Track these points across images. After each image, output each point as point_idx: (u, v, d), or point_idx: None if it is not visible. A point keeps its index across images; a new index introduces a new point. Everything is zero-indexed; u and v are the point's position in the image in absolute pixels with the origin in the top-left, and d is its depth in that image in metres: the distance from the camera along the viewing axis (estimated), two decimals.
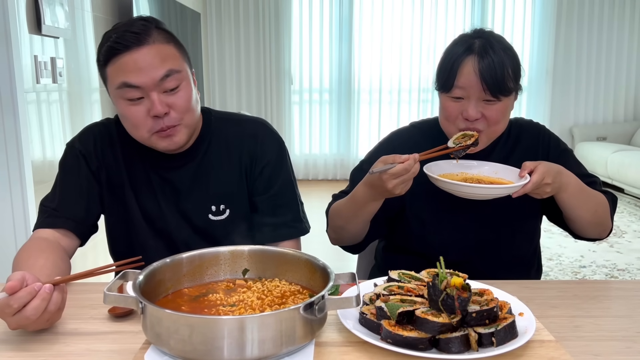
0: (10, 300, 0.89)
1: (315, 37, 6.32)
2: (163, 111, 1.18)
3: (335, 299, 0.89)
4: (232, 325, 0.81)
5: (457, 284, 0.90)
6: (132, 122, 1.21)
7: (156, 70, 1.17)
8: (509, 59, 1.28)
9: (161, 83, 1.17)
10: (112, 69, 1.18)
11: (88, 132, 1.36)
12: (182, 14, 4.39)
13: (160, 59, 1.18)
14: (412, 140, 1.45)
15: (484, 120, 1.29)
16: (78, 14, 2.75)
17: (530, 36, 6.33)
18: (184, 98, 1.21)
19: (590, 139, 6.32)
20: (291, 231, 1.36)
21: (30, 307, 0.90)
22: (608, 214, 1.38)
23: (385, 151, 1.47)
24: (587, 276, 3.47)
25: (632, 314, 1.09)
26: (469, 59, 1.27)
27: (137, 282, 0.92)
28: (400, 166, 1.17)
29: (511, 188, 1.21)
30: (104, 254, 1.51)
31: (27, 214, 2.22)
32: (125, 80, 1.16)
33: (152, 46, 1.18)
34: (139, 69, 1.16)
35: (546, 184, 1.21)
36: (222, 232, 1.33)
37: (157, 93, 1.18)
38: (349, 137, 6.53)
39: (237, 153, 1.34)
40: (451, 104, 1.31)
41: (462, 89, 1.28)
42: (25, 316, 0.90)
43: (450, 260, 1.13)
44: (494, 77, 1.25)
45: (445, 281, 0.91)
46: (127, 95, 1.18)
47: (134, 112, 1.19)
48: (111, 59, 1.18)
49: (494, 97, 1.26)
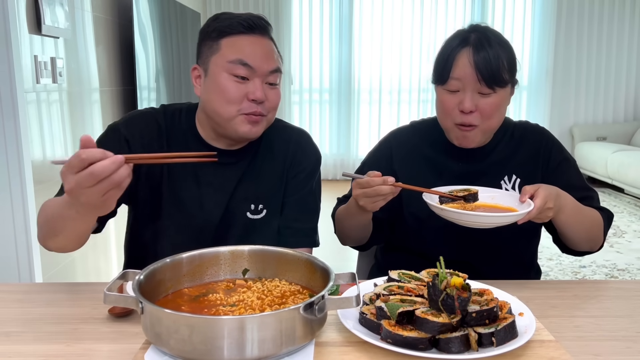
0: (83, 154, 0.88)
1: (315, 37, 6.32)
2: (262, 98, 1.26)
3: (335, 299, 0.89)
4: (232, 325, 0.81)
5: (457, 284, 0.90)
6: (228, 96, 1.25)
7: (270, 62, 1.27)
8: (504, 51, 1.29)
9: (268, 75, 1.27)
10: (231, 42, 1.25)
11: (136, 119, 1.35)
12: (182, 14, 4.39)
13: (274, 55, 1.29)
14: (410, 142, 1.46)
15: (478, 114, 1.29)
16: (78, 14, 2.75)
17: (530, 36, 6.33)
18: (277, 96, 1.31)
19: (590, 139, 6.32)
20: (307, 240, 1.39)
21: (99, 165, 0.87)
22: (601, 231, 1.38)
23: (383, 152, 1.49)
24: (587, 276, 3.47)
25: (632, 314, 1.09)
26: (465, 50, 1.28)
27: (137, 282, 0.92)
28: (366, 179, 1.19)
29: (516, 215, 1.19)
30: (105, 254, 1.52)
31: (27, 214, 2.22)
32: (242, 58, 1.24)
33: (270, 42, 1.30)
34: (257, 53, 1.25)
35: (548, 208, 1.21)
36: (254, 231, 1.35)
37: (261, 81, 1.26)
38: (349, 137, 6.53)
39: (281, 157, 1.39)
40: (447, 96, 1.32)
41: (458, 81, 1.29)
42: (91, 172, 0.87)
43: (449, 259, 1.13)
44: (489, 68, 1.26)
45: (445, 281, 0.91)
46: (235, 71, 1.24)
47: (234, 88, 1.25)
48: (233, 34, 1.25)
49: (490, 89, 1.27)
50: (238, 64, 1.24)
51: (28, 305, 1.12)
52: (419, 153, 1.44)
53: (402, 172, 1.42)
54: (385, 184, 1.18)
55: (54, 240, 1.15)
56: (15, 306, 1.12)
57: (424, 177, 1.40)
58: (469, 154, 1.40)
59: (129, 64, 3.34)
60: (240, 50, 1.24)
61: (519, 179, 1.39)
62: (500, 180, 1.40)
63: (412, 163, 1.44)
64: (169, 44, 3.98)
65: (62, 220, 1.07)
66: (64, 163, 0.91)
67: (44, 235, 1.18)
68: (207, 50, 1.28)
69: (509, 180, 1.40)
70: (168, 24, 3.99)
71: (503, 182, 1.40)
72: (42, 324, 1.03)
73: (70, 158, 0.90)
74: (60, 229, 1.10)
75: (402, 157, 1.45)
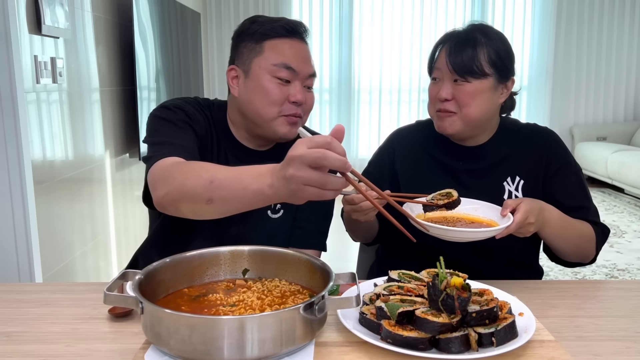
0: (333, 143, 0.84)
1: (315, 37, 6.32)
2: (303, 100, 1.31)
3: (335, 299, 0.89)
4: (232, 325, 0.81)
5: (457, 284, 0.90)
6: (271, 98, 1.28)
7: (309, 66, 1.33)
8: (489, 43, 1.32)
9: (307, 79, 1.32)
10: (274, 45, 1.29)
11: (192, 103, 1.35)
12: (182, 14, 4.39)
13: (311, 60, 1.35)
14: (413, 142, 1.47)
15: (455, 102, 1.34)
16: (78, 14, 2.75)
17: (530, 36, 6.32)
18: (313, 99, 1.37)
19: (590, 139, 6.32)
20: (316, 242, 1.41)
21: (332, 156, 0.83)
22: (593, 246, 1.36)
23: (386, 152, 1.50)
24: (587, 276, 3.47)
25: (632, 314, 1.09)
26: (448, 43, 1.35)
27: (137, 282, 0.92)
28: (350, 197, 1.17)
29: (494, 230, 1.16)
30: (105, 254, 1.52)
31: (27, 214, 2.22)
32: (286, 61, 1.29)
33: (308, 47, 1.35)
34: (302, 58, 1.31)
35: (529, 223, 1.19)
36: (271, 231, 1.37)
37: (301, 84, 1.31)
38: (349, 137, 6.52)
39: None
40: (432, 86, 1.39)
41: (438, 70, 1.36)
42: (323, 179, 0.84)
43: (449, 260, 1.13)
44: (459, 57, 1.31)
45: (445, 281, 0.91)
46: (279, 74, 1.28)
47: (277, 90, 1.29)
48: (276, 37, 1.30)
49: (462, 78, 1.31)
50: (282, 67, 1.28)
51: (28, 305, 1.12)
52: (422, 152, 1.45)
53: (404, 171, 1.43)
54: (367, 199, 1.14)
55: (200, 205, 1.02)
56: (15, 306, 1.12)
57: (425, 176, 1.41)
58: (472, 153, 1.40)
59: (129, 64, 3.34)
60: (284, 54, 1.29)
61: (522, 180, 1.39)
62: (503, 181, 1.39)
63: (413, 162, 1.45)
64: (169, 44, 3.98)
65: (240, 191, 0.95)
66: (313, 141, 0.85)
67: (187, 196, 1.03)
68: (248, 52, 1.31)
69: (512, 182, 1.39)
70: (168, 24, 3.99)
71: (506, 182, 1.39)
72: (42, 324, 1.03)
73: (327, 154, 0.83)
74: (227, 198, 0.99)
75: (403, 157, 1.46)
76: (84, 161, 2.79)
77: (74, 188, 2.69)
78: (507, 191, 1.39)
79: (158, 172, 1.13)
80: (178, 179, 1.05)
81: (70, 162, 2.65)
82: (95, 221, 2.89)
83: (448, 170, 1.41)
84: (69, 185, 2.63)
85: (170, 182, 1.07)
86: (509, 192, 1.39)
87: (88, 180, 2.85)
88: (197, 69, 4.92)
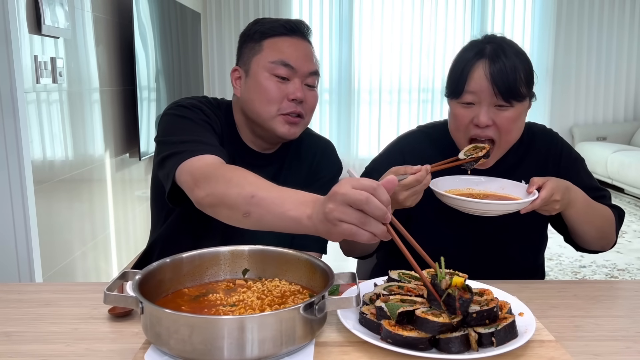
0: (379, 190, 0.84)
1: (315, 37, 6.30)
2: (302, 98, 1.30)
3: (335, 299, 0.89)
4: (232, 325, 0.81)
5: (458, 284, 0.90)
6: (269, 96, 1.28)
7: (310, 64, 1.32)
8: (521, 62, 1.25)
9: (307, 76, 1.31)
10: (273, 43, 1.29)
11: (206, 103, 1.35)
12: (182, 14, 4.39)
13: (313, 58, 1.34)
14: (422, 151, 1.42)
15: (495, 128, 1.26)
16: (78, 14, 2.75)
17: (530, 36, 6.32)
18: (315, 97, 1.35)
19: (590, 139, 6.32)
20: (316, 245, 1.40)
21: (375, 203, 0.83)
22: (613, 229, 1.37)
23: (395, 157, 1.44)
24: (587, 276, 3.47)
25: (632, 314, 1.09)
26: (480, 62, 1.24)
27: (137, 282, 0.92)
28: (413, 177, 1.15)
29: (520, 204, 1.19)
30: (105, 254, 1.52)
31: (27, 214, 2.22)
32: (284, 58, 1.28)
33: (310, 45, 1.35)
34: (300, 55, 1.30)
35: (555, 201, 1.20)
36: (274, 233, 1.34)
37: (301, 82, 1.30)
38: (349, 137, 6.52)
39: (307, 164, 1.42)
40: (461, 110, 1.27)
41: (473, 94, 1.24)
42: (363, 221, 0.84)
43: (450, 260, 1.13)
44: (505, 81, 1.21)
45: (445, 281, 0.91)
46: (276, 71, 1.28)
47: (275, 88, 1.28)
48: (275, 36, 1.29)
49: (506, 102, 1.23)
50: (279, 64, 1.27)
51: (28, 305, 1.12)
52: (431, 158, 1.39)
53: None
54: (427, 173, 1.17)
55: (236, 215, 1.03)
56: (15, 306, 1.12)
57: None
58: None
59: (129, 64, 3.34)
60: (282, 51, 1.28)
61: (528, 184, 1.39)
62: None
63: None
64: (169, 44, 3.98)
65: (277, 215, 0.97)
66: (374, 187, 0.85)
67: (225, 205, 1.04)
68: (248, 51, 1.32)
69: None
70: (168, 24, 3.99)
71: None
72: (42, 324, 1.03)
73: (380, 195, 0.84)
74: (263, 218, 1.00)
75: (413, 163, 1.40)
76: (84, 161, 2.79)
77: (74, 188, 2.70)
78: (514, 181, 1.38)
79: (198, 170, 1.09)
80: (221, 184, 1.05)
81: (70, 162, 2.65)
82: (95, 221, 2.89)
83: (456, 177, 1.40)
84: (69, 185, 2.63)
85: (213, 185, 1.06)
86: None
87: (88, 180, 2.85)
88: (197, 69, 4.92)
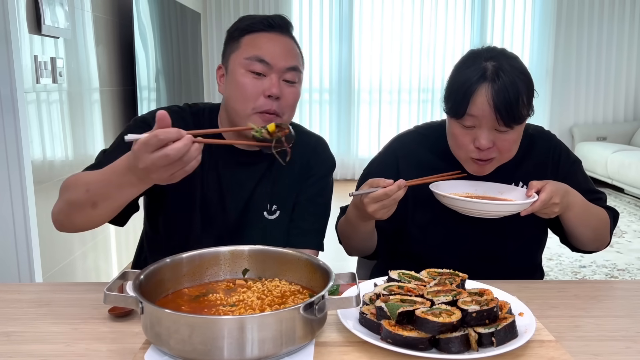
0: (161, 134, 0.90)
1: (315, 37, 6.32)
2: (278, 94, 1.25)
3: (335, 299, 0.89)
4: (232, 325, 0.81)
5: (273, 128, 1.03)
6: (245, 93, 1.26)
7: (287, 59, 1.27)
8: (523, 84, 1.23)
9: (285, 72, 1.27)
10: (250, 39, 1.27)
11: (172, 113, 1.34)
12: (182, 14, 4.39)
13: (293, 53, 1.30)
14: (416, 151, 1.43)
15: (496, 149, 1.26)
16: (78, 14, 2.75)
17: (530, 36, 6.33)
18: (294, 94, 1.30)
19: (590, 139, 6.32)
20: (313, 241, 1.40)
21: (173, 147, 0.91)
22: (608, 231, 1.39)
23: (389, 161, 1.45)
24: (587, 276, 3.47)
25: (632, 314, 1.09)
26: (483, 87, 1.21)
27: (137, 282, 0.92)
28: (381, 191, 1.17)
29: (520, 205, 1.19)
30: (105, 254, 1.52)
31: (27, 214, 2.22)
32: (259, 54, 1.25)
33: (290, 40, 1.31)
34: (275, 50, 1.27)
35: (554, 204, 1.21)
36: (269, 232, 1.36)
37: (278, 78, 1.26)
38: (349, 137, 6.53)
39: (298, 161, 1.39)
40: (462, 131, 1.26)
41: (475, 118, 1.23)
42: (166, 154, 0.91)
43: (450, 262, 1.13)
44: (508, 107, 1.20)
45: (264, 131, 1.04)
46: (252, 67, 1.25)
47: (251, 84, 1.26)
48: (253, 32, 1.28)
49: (508, 127, 1.23)
50: (254, 60, 1.25)
51: (28, 305, 1.12)
52: (426, 162, 1.41)
53: (409, 179, 1.41)
54: (399, 188, 1.18)
55: (88, 211, 1.12)
56: (15, 306, 1.12)
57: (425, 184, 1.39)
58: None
59: (129, 64, 3.34)
60: (258, 47, 1.26)
61: (526, 186, 1.39)
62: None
63: (418, 172, 1.40)
64: (169, 44, 3.98)
65: (112, 187, 1.05)
66: (137, 140, 0.94)
67: (74, 208, 1.14)
68: (229, 49, 1.31)
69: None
70: (168, 24, 3.99)
71: None
72: (42, 324, 1.03)
73: (148, 137, 0.91)
74: (105, 197, 1.08)
75: (408, 166, 1.42)
76: (84, 161, 2.79)
77: None
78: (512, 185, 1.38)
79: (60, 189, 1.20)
80: (62, 195, 1.17)
81: (70, 162, 2.65)
82: None
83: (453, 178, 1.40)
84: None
85: (60, 200, 1.18)
86: None
87: None
88: (197, 69, 4.92)
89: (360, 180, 1.47)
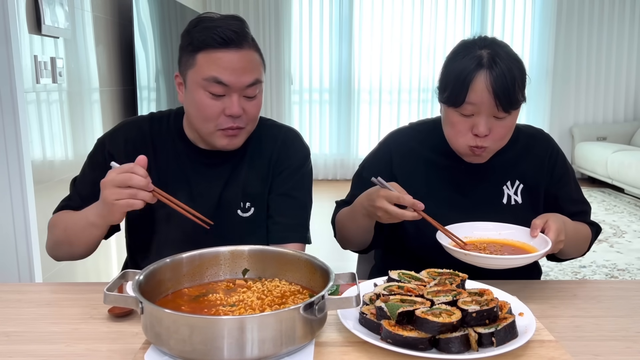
0: (136, 168, 1.10)
1: (315, 37, 6.32)
2: (239, 113, 1.24)
3: (335, 299, 0.89)
4: (232, 325, 0.81)
5: None
6: (205, 114, 1.24)
7: (247, 76, 1.23)
8: (518, 69, 1.25)
9: (245, 89, 1.24)
10: (205, 58, 1.22)
11: (120, 130, 1.39)
12: (182, 14, 4.39)
13: (251, 66, 1.24)
14: (409, 146, 1.44)
15: (491, 137, 1.27)
16: (78, 14, 2.75)
17: (530, 36, 6.33)
18: (256, 107, 1.29)
19: (590, 139, 6.32)
20: (296, 235, 1.37)
21: (137, 177, 1.09)
22: (587, 246, 1.42)
23: (384, 156, 1.45)
24: (587, 276, 3.47)
25: (632, 314, 1.09)
26: (481, 74, 1.22)
27: (137, 282, 0.92)
28: (396, 196, 1.17)
29: (537, 256, 1.16)
30: (105, 254, 1.52)
31: (27, 214, 2.22)
32: (217, 76, 1.21)
33: (248, 52, 1.24)
34: (233, 69, 1.21)
35: (560, 241, 1.21)
36: (246, 229, 1.35)
37: (238, 96, 1.24)
38: (349, 137, 6.53)
39: (268, 155, 1.38)
40: (461, 119, 1.27)
41: (474, 106, 1.24)
42: (129, 176, 1.09)
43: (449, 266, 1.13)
44: (506, 93, 1.22)
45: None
46: (211, 88, 1.22)
47: (211, 106, 1.23)
48: (208, 49, 1.21)
49: (506, 112, 1.24)
50: (212, 82, 1.21)
51: (28, 305, 1.12)
52: (419, 157, 1.42)
53: (402, 175, 1.40)
54: (413, 207, 1.17)
55: (68, 249, 1.30)
56: (15, 306, 1.12)
57: (424, 180, 1.39)
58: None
59: (129, 64, 3.34)
60: (215, 68, 1.21)
61: (522, 185, 1.39)
62: (502, 185, 1.39)
63: (411, 167, 1.41)
64: (169, 44, 3.98)
65: (82, 229, 1.22)
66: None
67: (58, 245, 1.32)
68: (184, 62, 1.27)
69: (511, 186, 1.39)
70: (168, 24, 3.99)
71: (505, 187, 1.39)
72: (42, 324, 1.03)
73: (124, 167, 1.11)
74: (79, 237, 1.25)
75: (401, 161, 1.43)
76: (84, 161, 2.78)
77: None
78: (506, 195, 1.38)
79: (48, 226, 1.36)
80: (49, 236, 1.35)
81: (70, 162, 2.65)
82: None
83: (447, 174, 1.40)
84: (69, 185, 2.63)
85: (48, 238, 1.36)
86: (507, 196, 1.38)
87: None
88: None
89: (356, 175, 1.47)
